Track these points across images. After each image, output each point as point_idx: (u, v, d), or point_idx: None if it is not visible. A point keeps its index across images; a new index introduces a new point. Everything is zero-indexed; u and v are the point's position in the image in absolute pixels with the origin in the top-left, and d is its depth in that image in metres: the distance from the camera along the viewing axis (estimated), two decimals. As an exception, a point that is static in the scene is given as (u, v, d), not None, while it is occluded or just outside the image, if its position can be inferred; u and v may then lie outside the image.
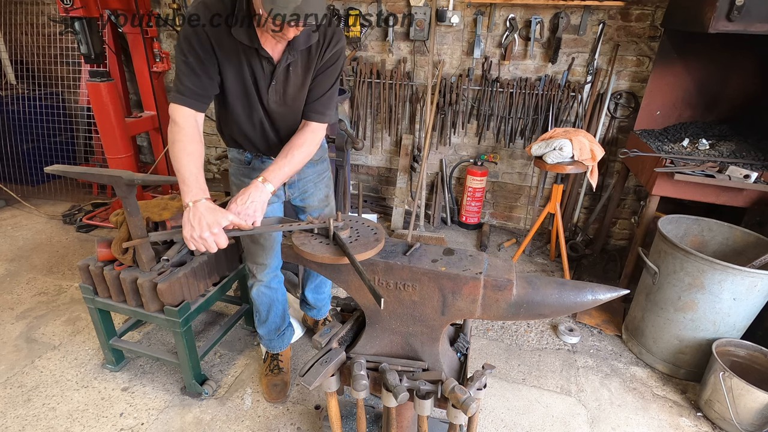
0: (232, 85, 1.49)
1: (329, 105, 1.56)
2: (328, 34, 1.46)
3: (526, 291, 1.19)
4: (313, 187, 1.84)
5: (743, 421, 1.90)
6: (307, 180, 1.82)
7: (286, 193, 1.83)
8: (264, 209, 1.38)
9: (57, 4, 2.84)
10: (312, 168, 1.81)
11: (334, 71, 1.53)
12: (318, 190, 1.87)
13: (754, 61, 2.70)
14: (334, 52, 1.49)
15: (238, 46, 1.40)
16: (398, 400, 1.21)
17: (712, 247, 2.39)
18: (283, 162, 1.46)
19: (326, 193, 1.90)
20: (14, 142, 4.12)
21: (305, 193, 1.84)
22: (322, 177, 1.86)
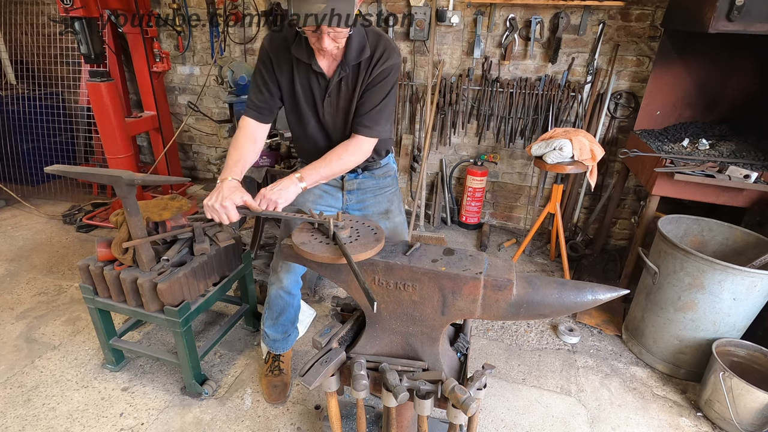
0: (289, 100, 1.63)
1: (377, 120, 1.56)
2: (379, 51, 1.49)
3: (526, 291, 1.19)
4: (372, 198, 1.85)
5: (743, 421, 1.90)
6: (366, 190, 1.83)
7: (344, 199, 1.85)
8: (288, 200, 1.45)
9: (57, 4, 2.85)
10: (371, 180, 1.83)
11: (383, 87, 1.53)
12: (377, 203, 1.86)
13: (754, 61, 2.70)
14: (384, 69, 1.50)
15: (296, 63, 1.54)
16: (398, 400, 1.21)
17: (712, 247, 2.39)
18: (321, 164, 1.54)
19: (387, 207, 1.87)
20: (14, 142, 4.12)
21: (363, 203, 1.86)
22: (383, 190, 1.86)
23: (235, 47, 3.90)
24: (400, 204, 1.94)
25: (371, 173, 1.82)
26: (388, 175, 1.87)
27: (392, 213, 1.89)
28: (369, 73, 1.51)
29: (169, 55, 3.81)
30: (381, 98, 1.54)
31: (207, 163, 4.67)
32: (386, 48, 1.50)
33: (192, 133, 4.50)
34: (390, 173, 1.88)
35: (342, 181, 1.82)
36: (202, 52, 4.04)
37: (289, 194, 1.46)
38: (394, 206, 1.90)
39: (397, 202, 1.91)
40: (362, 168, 1.79)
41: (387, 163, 1.87)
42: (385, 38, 1.51)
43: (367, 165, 1.79)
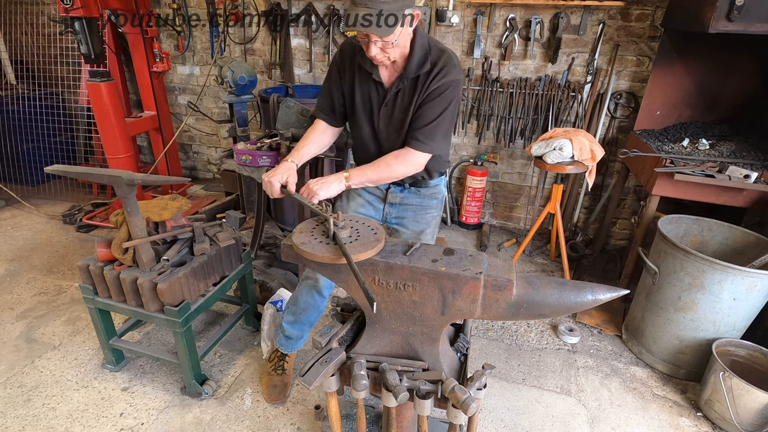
0: (350, 106, 1.69)
1: (431, 135, 1.54)
2: (438, 66, 1.49)
3: (526, 291, 1.19)
4: (411, 215, 1.84)
5: (743, 421, 1.90)
6: (408, 207, 1.83)
7: (385, 211, 1.86)
8: (329, 194, 1.50)
9: (57, 4, 2.85)
10: (416, 197, 1.82)
11: (440, 103, 1.51)
12: (415, 222, 1.85)
13: (754, 61, 2.70)
14: (441, 85, 1.50)
15: (358, 71, 1.60)
16: (398, 400, 1.21)
17: (712, 247, 2.39)
18: (370, 168, 1.58)
19: (423, 229, 1.85)
20: (14, 142, 4.12)
21: (401, 219, 1.86)
22: (425, 211, 1.84)
23: (235, 47, 3.90)
24: (436, 230, 1.91)
25: (417, 190, 1.81)
26: (434, 197, 1.84)
27: (425, 235, 1.86)
28: (426, 87, 1.51)
29: (169, 55, 3.81)
30: (437, 114, 1.52)
31: (207, 163, 4.67)
32: (446, 64, 1.49)
33: (192, 133, 4.50)
34: (437, 195, 1.85)
35: (386, 193, 1.82)
36: (202, 52, 4.04)
37: (331, 189, 1.51)
38: (429, 230, 1.87)
39: (434, 226, 1.88)
40: (410, 183, 1.78)
41: (436, 185, 1.83)
42: (447, 54, 1.51)
43: (416, 181, 1.78)
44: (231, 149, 2.61)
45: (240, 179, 3.23)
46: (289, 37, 3.67)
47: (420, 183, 1.80)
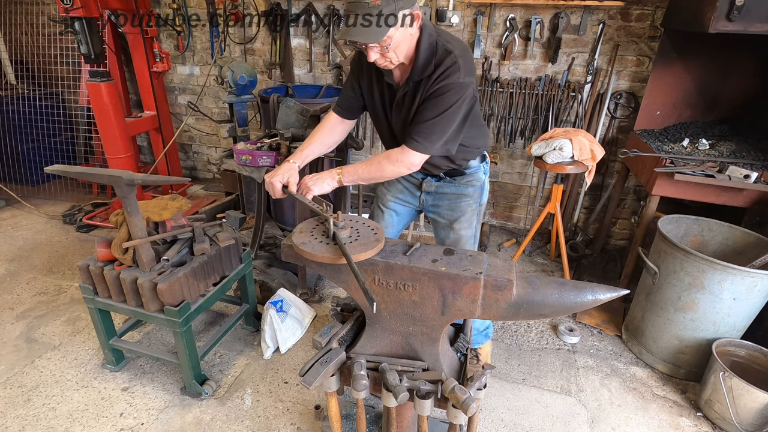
0: (369, 104, 1.72)
1: (427, 135, 1.49)
2: (441, 68, 1.45)
3: (526, 291, 1.19)
4: (447, 203, 1.85)
5: (743, 421, 1.90)
6: (443, 195, 1.84)
7: (421, 199, 1.88)
8: (322, 191, 1.53)
9: (57, 4, 2.84)
10: (452, 186, 1.82)
11: (438, 104, 1.46)
12: (450, 210, 1.85)
13: (754, 61, 2.70)
14: (441, 86, 1.45)
15: (375, 71, 1.61)
16: (398, 400, 1.21)
17: (712, 247, 2.39)
18: (362, 166, 1.58)
19: (457, 216, 1.84)
20: (14, 142, 4.12)
21: (437, 207, 1.88)
22: (461, 198, 1.83)
23: (235, 47, 3.90)
24: (474, 217, 1.88)
25: (453, 180, 1.81)
26: (471, 185, 1.81)
27: (458, 224, 1.85)
28: (427, 89, 1.48)
29: (169, 55, 3.81)
30: (434, 114, 1.47)
31: (207, 163, 4.67)
32: (449, 66, 1.43)
33: (192, 133, 4.50)
34: (475, 183, 1.82)
35: (421, 181, 1.84)
36: (202, 52, 4.04)
37: (324, 186, 1.54)
38: (464, 218, 1.85)
39: (470, 214, 1.86)
40: (445, 173, 1.79)
41: (474, 172, 1.81)
42: (453, 56, 1.44)
43: (450, 171, 1.79)
44: (231, 149, 2.61)
45: (240, 179, 3.23)
46: (289, 37, 3.67)
47: (454, 173, 1.79)
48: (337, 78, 3.70)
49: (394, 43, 1.39)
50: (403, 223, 2.04)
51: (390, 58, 1.45)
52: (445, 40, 1.49)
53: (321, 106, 2.69)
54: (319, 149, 1.76)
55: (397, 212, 1.98)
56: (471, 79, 1.46)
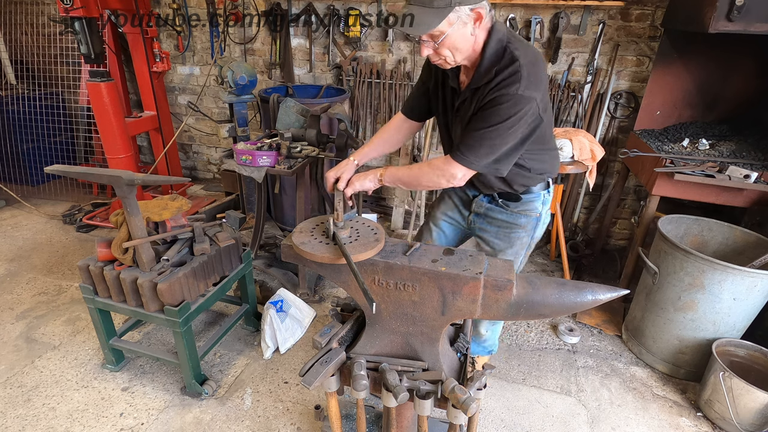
0: (433, 108, 1.63)
1: (473, 148, 1.35)
2: (501, 75, 1.30)
3: (526, 291, 1.19)
4: (494, 230, 1.70)
5: (743, 421, 1.90)
6: (492, 221, 1.69)
7: (468, 219, 1.76)
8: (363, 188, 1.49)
9: (57, 4, 2.84)
10: (502, 212, 1.65)
11: (491, 116, 1.30)
12: (496, 238, 1.70)
13: (754, 61, 2.70)
14: (496, 96, 1.29)
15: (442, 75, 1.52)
16: (398, 400, 1.21)
17: (712, 247, 2.39)
18: (404, 170, 1.50)
19: (503, 248, 1.69)
20: (14, 142, 4.12)
21: (484, 231, 1.73)
22: (511, 229, 1.66)
23: (235, 47, 3.90)
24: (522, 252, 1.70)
25: (506, 205, 1.64)
26: (525, 215, 1.63)
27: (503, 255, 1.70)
28: (482, 97, 1.34)
29: (169, 55, 3.81)
30: (484, 126, 1.32)
31: (207, 163, 4.67)
32: (510, 74, 1.27)
33: (192, 133, 4.50)
34: (530, 213, 1.63)
35: (472, 200, 1.71)
36: (202, 52, 4.04)
37: (366, 183, 1.49)
38: (511, 250, 1.69)
39: (518, 247, 1.68)
40: (498, 194, 1.64)
41: (532, 200, 1.62)
42: (518, 64, 1.27)
43: (505, 194, 1.63)
44: (231, 149, 2.61)
45: (240, 179, 3.23)
46: (289, 37, 3.67)
47: (509, 197, 1.62)
48: (337, 78, 3.70)
49: (448, 40, 1.28)
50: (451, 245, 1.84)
51: (444, 56, 1.33)
52: (515, 46, 1.32)
53: (321, 106, 2.69)
54: (381, 148, 1.71)
55: (445, 232, 1.85)
56: (535, 94, 1.28)
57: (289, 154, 2.49)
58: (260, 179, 2.44)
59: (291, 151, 2.50)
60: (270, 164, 2.40)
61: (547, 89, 1.36)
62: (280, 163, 2.42)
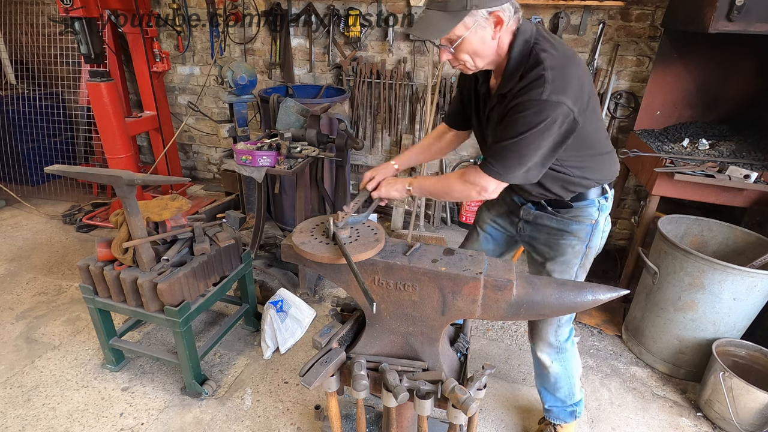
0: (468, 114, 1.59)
1: (501, 158, 1.30)
2: (525, 80, 1.22)
3: (526, 291, 1.19)
4: (544, 237, 1.58)
5: (743, 421, 1.90)
6: (542, 228, 1.58)
7: (518, 228, 1.65)
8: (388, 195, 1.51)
9: (57, 4, 2.85)
10: (552, 219, 1.54)
11: (516, 124, 1.23)
12: (546, 246, 1.59)
13: (754, 61, 2.70)
14: (519, 103, 1.22)
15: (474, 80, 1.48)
16: (398, 400, 1.21)
17: (712, 247, 2.39)
18: (432, 180, 1.48)
19: (553, 256, 1.57)
20: (14, 142, 4.12)
21: (533, 239, 1.63)
22: (560, 237, 1.54)
23: (235, 47, 3.90)
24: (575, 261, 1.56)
25: (556, 212, 1.53)
26: (578, 221, 1.51)
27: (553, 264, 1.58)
28: (508, 103, 1.27)
29: (169, 55, 3.81)
30: (510, 136, 1.25)
31: (207, 163, 4.67)
32: (534, 79, 1.19)
33: (192, 133, 4.50)
34: (583, 220, 1.50)
35: (520, 207, 1.62)
36: (202, 52, 4.04)
37: (392, 192, 1.51)
38: (562, 259, 1.56)
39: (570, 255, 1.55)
40: (547, 201, 1.54)
41: (586, 206, 1.50)
42: (540, 68, 1.19)
43: (553, 201, 1.53)
44: (231, 149, 2.61)
45: (240, 179, 3.23)
46: (289, 37, 3.67)
47: (559, 203, 1.52)
48: (337, 78, 3.70)
49: (465, 44, 1.23)
50: (497, 252, 1.80)
51: (464, 60, 1.29)
52: (543, 47, 1.24)
53: (321, 106, 2.69)
54: (422, 156, 1.74)
55: (492, 237, 1.77)
56: (563, 98, 1.18)
57: (289, 154, 2.49)
58: (260, 179, 2.44)
59: (291, 151, 2.50)
60: (270, 164, 2.40)
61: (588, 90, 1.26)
62: (280, 163, 2.42)
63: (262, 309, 2.47)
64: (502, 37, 1.25)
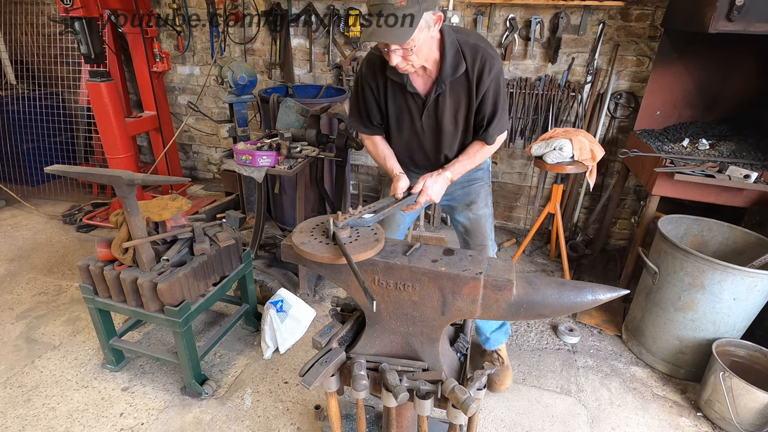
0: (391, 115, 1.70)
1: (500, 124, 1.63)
2: (478, 63, 1.50)
3: (526, 291, 1.19)
4: (459, 189, 1.88)
5: (743, 421, 1.90)
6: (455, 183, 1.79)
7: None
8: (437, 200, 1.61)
9: (57, 4, 2.85)
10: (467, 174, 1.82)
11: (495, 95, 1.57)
12: (464, 194, 1.89)
13: (754, 61, 2.70)
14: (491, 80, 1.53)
15: (390, 83, 1.61)
16: (398, 400, 1.21)
17: (712, 247, 2.39)
18: (467, 162, 1.68)
19: (473, 199, 1.89)
20: (14, 142, 4.12)
21: (451, 194, 1.87)
22: (472, 183, 1.88)
23: (235, 47, 3.90)
24: (488, 198, 1.94)
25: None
26: (480, 168, 1.87)
27: (476, 206, 1.89)
28: (475, 88, 1.54)
29: (169, 55, 3.81)
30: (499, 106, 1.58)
31: (207, 163, 4.67)
32: (484, 58, 1.49)
33: (192, 133, 4.50)
34: (482, 166, 1.88)
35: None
36: (202, 52, 4.04)
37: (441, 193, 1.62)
38: (480, 198, 1.90)
39: (483, 195, 1.91)
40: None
41: None
42: (481, 48, 1.50)
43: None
44: (231, 149, 2.61)
45: (240, 179, 3.23)
46: (289, 37, 3.67)
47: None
48: (337, 78, 3.70)
49: (417, 45, 1.38)
50: (411, 219, 2.05)
51: (412, 61, 1.43)
52: (463, 35, 1.52)
53: (321, 106, 2.69)
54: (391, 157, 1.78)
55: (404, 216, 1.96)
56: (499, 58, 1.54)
57: (289, 154, 2.49)
58: (260, 179, 2.44)
59: (291, 151, 2.50)
60: (270, 164, 2.40)
61: None
62: (280, 163, 2.42)
63: (262, 309, 2.47)
64: (436, 35, 1.45)
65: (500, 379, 2.14)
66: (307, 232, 1.33)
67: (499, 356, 2.19)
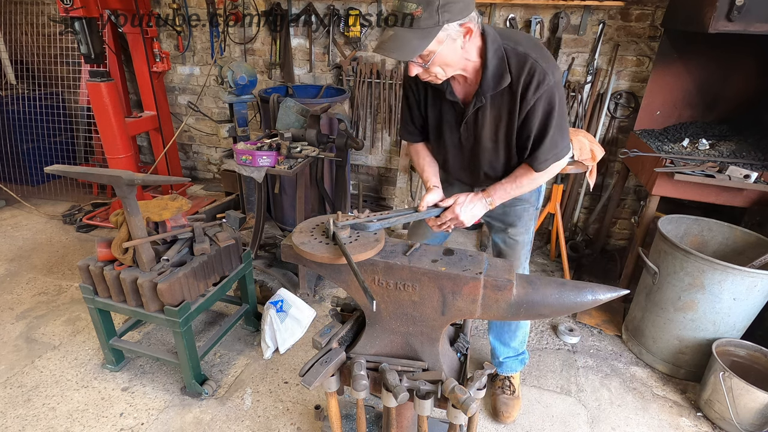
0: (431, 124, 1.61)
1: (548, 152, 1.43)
2: (524, 76, 1.32)
3: (526, 291, 1.19)
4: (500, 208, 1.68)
5: (743, 421, 1.90)
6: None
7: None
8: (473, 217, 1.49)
9: (57, 4, 2.84)
10: None
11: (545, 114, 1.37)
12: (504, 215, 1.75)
13: (754, 61, 2.70)
14: (539, 98, 1.34)
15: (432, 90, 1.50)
16: (398, 400, 1.21)
17: (712, 247, 2.39)
18: (512, 187, 1.52)
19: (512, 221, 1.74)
20: (14, 142, 4.12)
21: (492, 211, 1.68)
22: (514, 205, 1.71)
23: (235, 47, 3.90)
24: (530, 223, 1.77)
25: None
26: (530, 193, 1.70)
27: (514, 229, 1.75)
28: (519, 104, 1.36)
29: (169, 55, 3.81)
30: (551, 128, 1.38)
31: (207, 163, 4.67)
32: (533, 70, 1.30)
33: (192, 133, 4.50)
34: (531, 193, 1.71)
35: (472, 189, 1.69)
36: (202, 52, 4.04)
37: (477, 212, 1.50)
38: (520, 223, 1.74)
39: (526, 219, 1.74)
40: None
41: None
42: (531, 60, 1.31)
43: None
44: (231, 149, 2.61)
45: (240, 179, 3.23)
46: (289, 37, 3.67)
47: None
48: (337, 78, 3.70)
49: (438, 58, 1.27)
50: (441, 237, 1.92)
51: (435, 73, 1.33)
52: (513, 42, 1.34)
53: (321, 106, 2.69)
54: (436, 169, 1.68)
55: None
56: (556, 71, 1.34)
57: (289, 154, 2.49)
58: (260, 179, 2.44)
59: (291, 151, 2.50)
60: (270, 164, 2.40)
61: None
62: (280, 163, 2.42)
63: (262, 309, 2.47)
64: (468, 46, 1.31)
65: (507, 410, 1.98)
66: (307, 232, 1.33)
67: (510, 384, 2.05)
